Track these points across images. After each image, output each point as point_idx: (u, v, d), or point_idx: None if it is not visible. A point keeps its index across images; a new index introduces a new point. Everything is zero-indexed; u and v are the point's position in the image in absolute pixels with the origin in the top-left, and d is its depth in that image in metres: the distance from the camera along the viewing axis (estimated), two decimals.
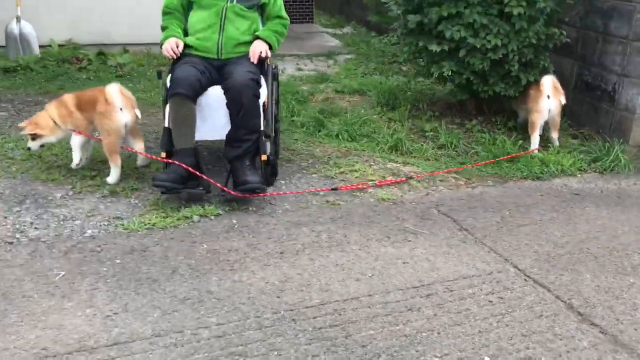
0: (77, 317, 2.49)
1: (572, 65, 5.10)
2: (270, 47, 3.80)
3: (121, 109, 3.64)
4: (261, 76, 3.74)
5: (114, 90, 3.65)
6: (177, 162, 3.48)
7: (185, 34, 3.88)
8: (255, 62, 3.71)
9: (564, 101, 4.47)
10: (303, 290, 2.79)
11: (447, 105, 5.54)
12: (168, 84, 3.68)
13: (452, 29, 4.59)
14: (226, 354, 2.33)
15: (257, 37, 3.80)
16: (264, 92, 3.71)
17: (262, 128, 3.67)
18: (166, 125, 3.64)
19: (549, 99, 4.42)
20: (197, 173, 3.55)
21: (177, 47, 3.71)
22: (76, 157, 3.78)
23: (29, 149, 3.79)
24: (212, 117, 3.72)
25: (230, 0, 3.79)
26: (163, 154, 3.62)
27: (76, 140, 3.76)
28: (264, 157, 3.68)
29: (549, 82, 4.42)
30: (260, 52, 3.73)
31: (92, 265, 2.88)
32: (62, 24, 7.40)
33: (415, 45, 4.95)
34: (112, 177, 3.74)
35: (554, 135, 4.61)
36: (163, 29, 3.84)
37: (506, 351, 2.47)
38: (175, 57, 3.69)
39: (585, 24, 4.92)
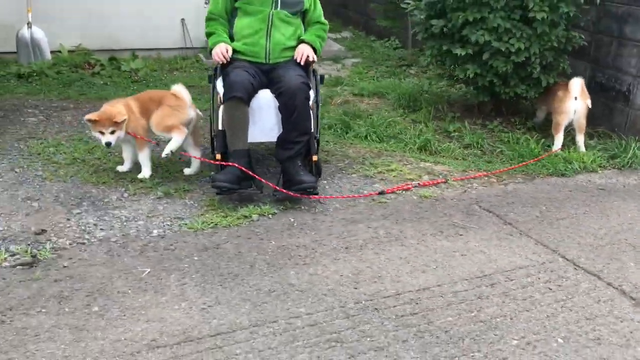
0: (175, 311, 2.60)
1: (585, 67, 5.34)
2: (315, 51, 3.94)
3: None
4: None
5: (183, 88, 3.78)
6: (236, 165, 3.59)
7: (230, 39, 3.99)
8: (302, 63, 3.85)
9: (590, 104, 4.67)
10: (377, 281, 2.94)
11: (464, 106, 5.73)
12: (219, 89, 3.80)
13: (476, 33, 4.78)
14: (323, 341, 2.47)
15: (302, 41, 3.93)
16: (311, 95, 3.85)
17: (312, 130, 3.81)
18: (220, 128, 3.76)
19: (576, 100, 4.62)
20: (252, 174, 3.67)
21: (227, 52, 3.82)
22: (147, 170, 3.92)
23: (108, 144, 3.72)
24: (262, 120, 3.85)
25: (275, 7, 3.92)
26: (218, 156, 3.73)
27: (145, 155, 3.89)
28: (314, 158, 3.83)
29: (577, 84, 4.61)
30: (308, 56, 3.87)
31: (172, 263, 2.99)
32: (72, 29, 7.43)
33: (438, 49, 5.14)
34: (173, 143, 3.80)
35: (580, 138, 4.78)
36: (209, 34, 3.95)
37: (576, 333, 2.65)
38: (225, 61, 3.81)
39: (599, 28, 5.16)
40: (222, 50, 3.82)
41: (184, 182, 3.95)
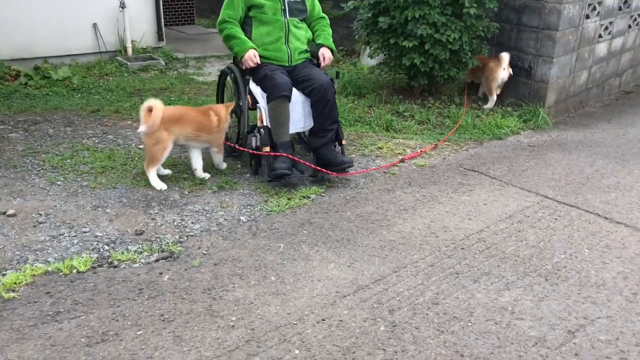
0: (330, 270, 3.22)
1: (491, 50, 6.58)
2: (332, 51, 4.63)
3: None
4: None
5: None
6: (292, 157, 4.19)
7: None
8: (323, 65, 4.52)
9: (511, 72, 5.98)
10: (446, 230, 3.79)
11: (396, 90, 6.72)
12: (254, 90, 4.34)
13: (420, 28, 5.76)
14: (450, 274, 3.27)
15: (322, 45, 4.58)
16: None
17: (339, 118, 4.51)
18: (264, 124, 4.31)
19: (504, 70, 5.87)
20: (298, 159, 4.29)
21: (255, 57, 4.35)
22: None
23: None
24: (291, 114, 4.45)
25: (286, 16, 4.52)
26: (267, 149, 4.28)
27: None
28: (343, 142, 4.54)
29: (506, 58, 5.86)
30: (329, 59, 4.56)
31: (290, 237, 3.56)
32: None
33: (383, 42, 6.04)
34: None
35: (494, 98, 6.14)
36: (230, 37, 4.40)
37: (592, 244, 3.73)
38: (255, 66, 4.34)
39: (501, 17, 6.41)
40: (250, 57, 4.34)
41: (225, 176, 4.43)
